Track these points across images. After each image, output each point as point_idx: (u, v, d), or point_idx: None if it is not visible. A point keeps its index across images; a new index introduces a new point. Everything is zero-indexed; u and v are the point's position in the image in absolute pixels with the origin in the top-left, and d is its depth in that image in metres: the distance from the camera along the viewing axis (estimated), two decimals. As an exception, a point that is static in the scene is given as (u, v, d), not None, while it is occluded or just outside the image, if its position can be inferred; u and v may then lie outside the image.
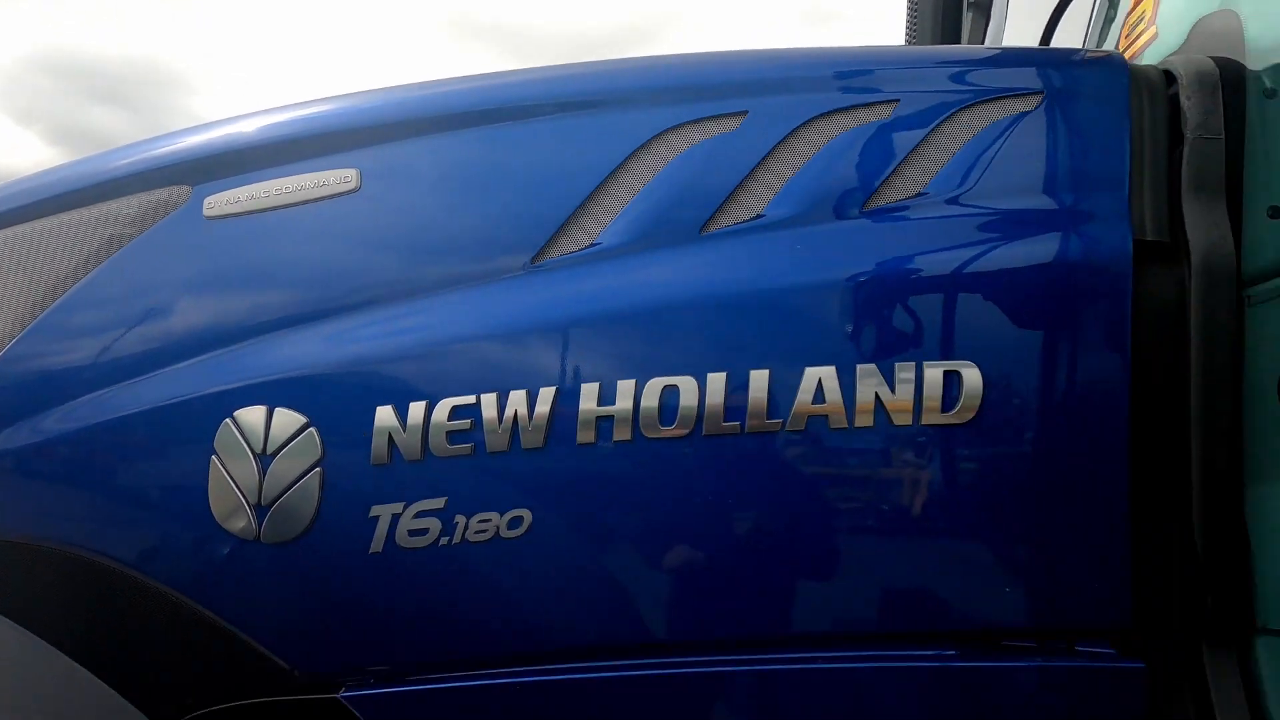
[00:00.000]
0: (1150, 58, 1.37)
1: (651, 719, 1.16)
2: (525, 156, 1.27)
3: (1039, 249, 1.14)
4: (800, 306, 1.14)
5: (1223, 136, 1.11)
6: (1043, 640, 1.11)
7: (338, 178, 1.28)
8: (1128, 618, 1.07)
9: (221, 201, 1.27)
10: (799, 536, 1.11)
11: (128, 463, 1.26)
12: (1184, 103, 1.14)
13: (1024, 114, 1.18)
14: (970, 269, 1.12)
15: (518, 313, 1.19)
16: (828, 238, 1.15)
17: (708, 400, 1.10)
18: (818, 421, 1.09)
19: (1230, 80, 1.15)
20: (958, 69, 1.34)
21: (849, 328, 1.12)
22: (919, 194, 1.15)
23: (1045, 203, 1.17)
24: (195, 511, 1.21)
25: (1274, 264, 1.09)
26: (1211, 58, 1.18)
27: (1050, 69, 1.28)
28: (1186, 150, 1.12)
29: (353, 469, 1.18)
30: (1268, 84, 1.11)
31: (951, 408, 1.07)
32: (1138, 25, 1.48)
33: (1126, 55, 1.40)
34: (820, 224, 1.16)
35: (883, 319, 1.12)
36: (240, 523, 1.20)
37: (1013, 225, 1.16)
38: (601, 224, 1.20)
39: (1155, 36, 1.42)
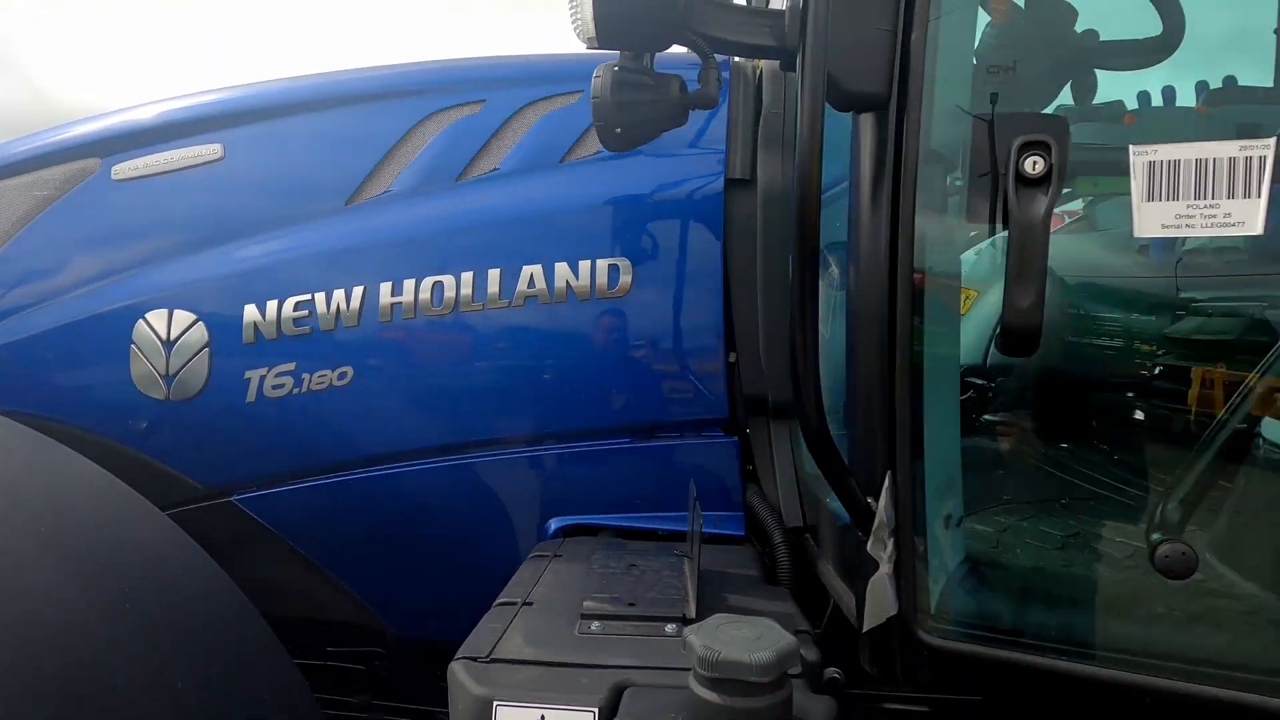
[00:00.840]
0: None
1: (439, 496, 1.80)
2: (342, 131, 1.85)
3: (672, 185, 1.77)
4: (519, 227, 1.75)
5: (783, 110, 1.76)
6: (681, 429, 1.78)
7: (209, 150, 1.84)
8: (726, 413, 1.75)
9: (126, 168, 1.82)
10: (526, 369, 1.75)
11: (73, 353, 1.81)
12: (764, 89, 1.79)
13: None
14: (626, 197, 1.75)
15: (338, 238, 1.77)
16: (538, 181, 1.77)
17: (461, 290, 1.72)
18: (532, 300, 1.72)
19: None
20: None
21: (550, 240, 1.75)
22: (596, 153, 1.77)
23: (679, 155, 1.80)
24: (122, 382, 1.77)
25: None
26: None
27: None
28: (762, 120, 1.77)
29: (230, 347, 1.76)
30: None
31: (614, 287, 1.71)
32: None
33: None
34: (534, 173, 1.77)
35: (572, 232, 1.75)
36: (155, 389, 1.77)
37: (655, 169, 1.79)
38: (393, 176, 1.80)
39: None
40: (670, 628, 1.27)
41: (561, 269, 1.72)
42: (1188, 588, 1.11)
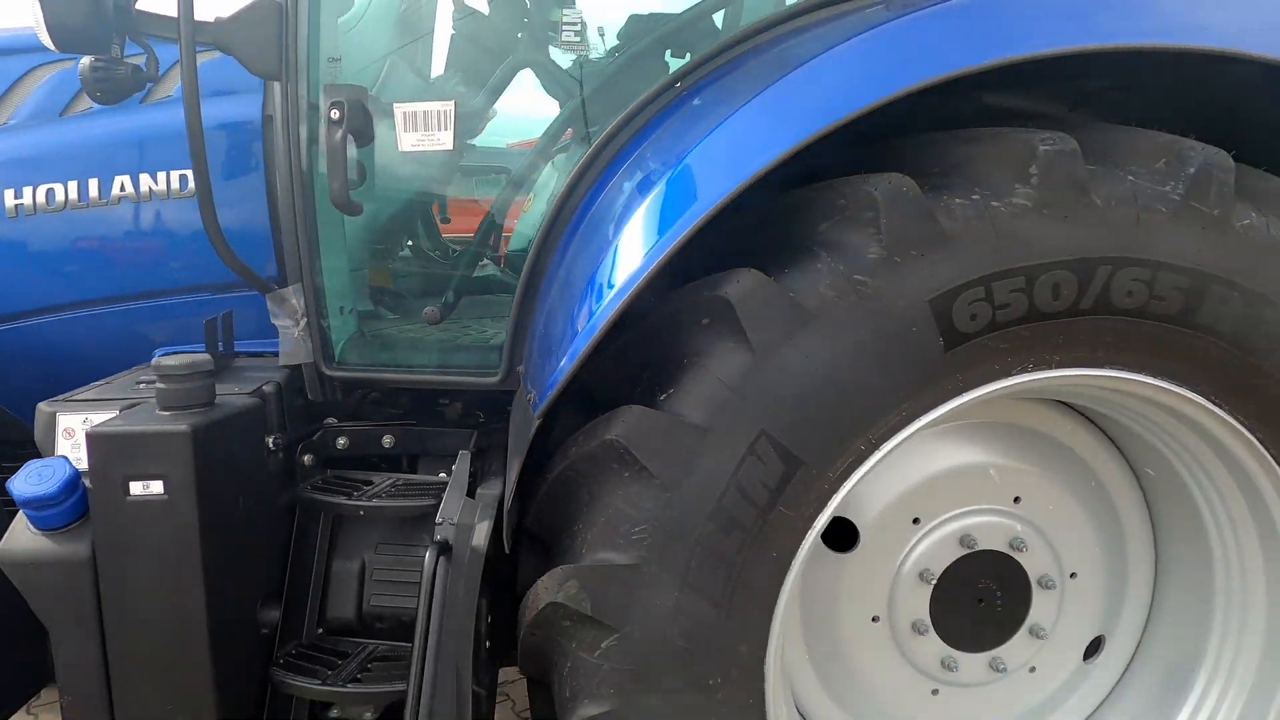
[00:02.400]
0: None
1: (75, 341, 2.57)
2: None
3: (234, 120, 2.59)
4: (114, 149, 2.52)
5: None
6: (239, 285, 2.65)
7: None
8: (277, 272, 2.64)
9: None
10: (122, 248, 2.54)
11: None
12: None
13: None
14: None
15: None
16: (123, 116, 2.53)
17: (71, 193, 2.47)
18: (125, 200, 2.51)
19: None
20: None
21: (136, 155, 2.52)
22: (170, 96, 2.56)
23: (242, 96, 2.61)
24: None
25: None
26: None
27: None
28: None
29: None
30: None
31: (184, 189, 2.53)
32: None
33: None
34: (119, 111, 2.53)
35: (156, 150, 2.52)
36: None
37: (230, 106, 2.59)
38: (10, 110, 2.49)
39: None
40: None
41: (145, 178, 2.51)
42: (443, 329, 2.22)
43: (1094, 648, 2.33)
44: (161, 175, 2.51)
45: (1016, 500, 2.15)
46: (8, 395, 2.57)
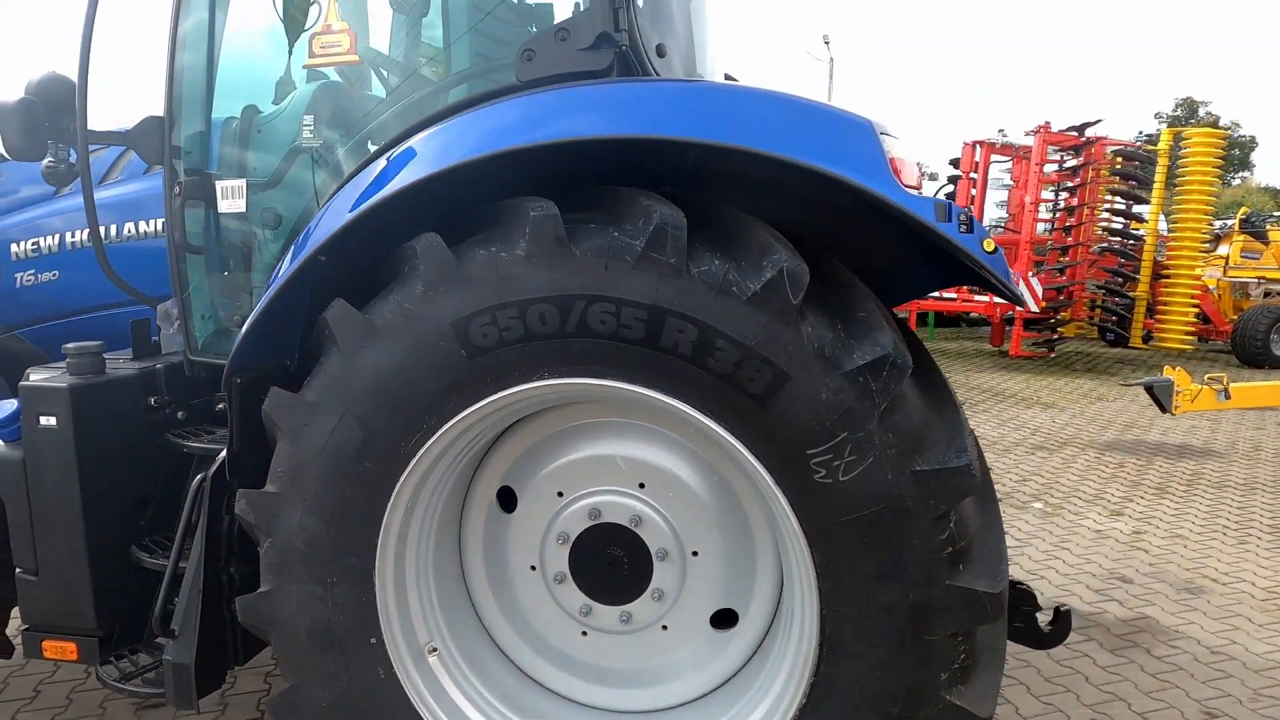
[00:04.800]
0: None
1: None
2: None
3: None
4: (140, 202, 3.76)
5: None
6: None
7: None
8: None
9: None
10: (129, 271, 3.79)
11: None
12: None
13: None
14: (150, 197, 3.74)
15: None
16: (145, 184, 3.77)
17: (134, 229, 3.75)
18: (130, 238, 3.74)
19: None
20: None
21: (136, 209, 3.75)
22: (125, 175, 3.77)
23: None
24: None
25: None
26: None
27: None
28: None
29: None
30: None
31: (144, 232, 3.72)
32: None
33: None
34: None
35: (138, 208, 3.75)
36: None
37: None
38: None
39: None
40: None
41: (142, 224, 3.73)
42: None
43: (730, 620, 2.75)
44: (143, 223, 3.70)
45: (641, 486, 2.67)
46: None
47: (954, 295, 15.08)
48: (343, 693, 2.58)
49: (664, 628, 2.75)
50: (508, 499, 2.81)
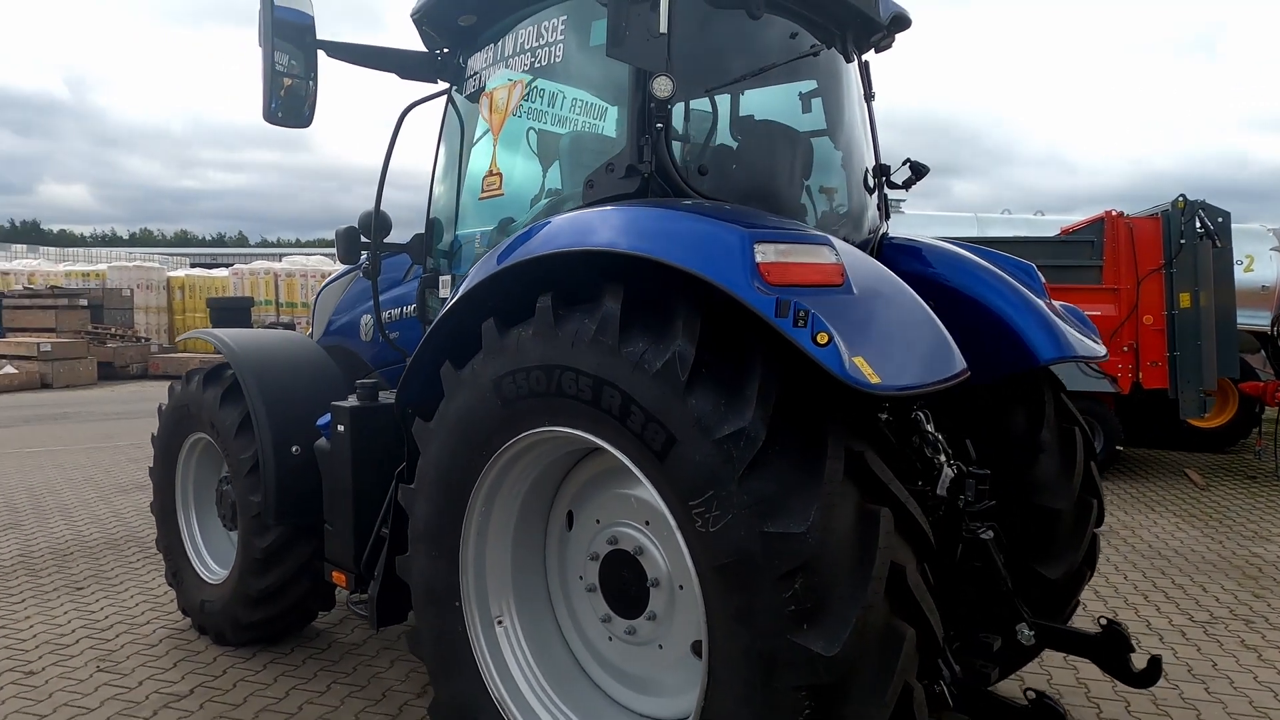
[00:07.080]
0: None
1: None
2: None
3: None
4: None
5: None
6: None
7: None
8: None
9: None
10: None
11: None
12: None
13: None
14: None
15: None
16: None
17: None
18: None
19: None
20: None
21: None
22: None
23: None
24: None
25: None
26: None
27: None
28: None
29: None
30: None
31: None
32: None
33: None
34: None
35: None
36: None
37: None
38: (411, 273, 5.64)
39: None
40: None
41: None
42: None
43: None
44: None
45: (647, 523, 3.27)
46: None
47: None
48: (438, 638, 3.63)
49: (660, 646, 3.28)
50: (572, 520, 3.63)
